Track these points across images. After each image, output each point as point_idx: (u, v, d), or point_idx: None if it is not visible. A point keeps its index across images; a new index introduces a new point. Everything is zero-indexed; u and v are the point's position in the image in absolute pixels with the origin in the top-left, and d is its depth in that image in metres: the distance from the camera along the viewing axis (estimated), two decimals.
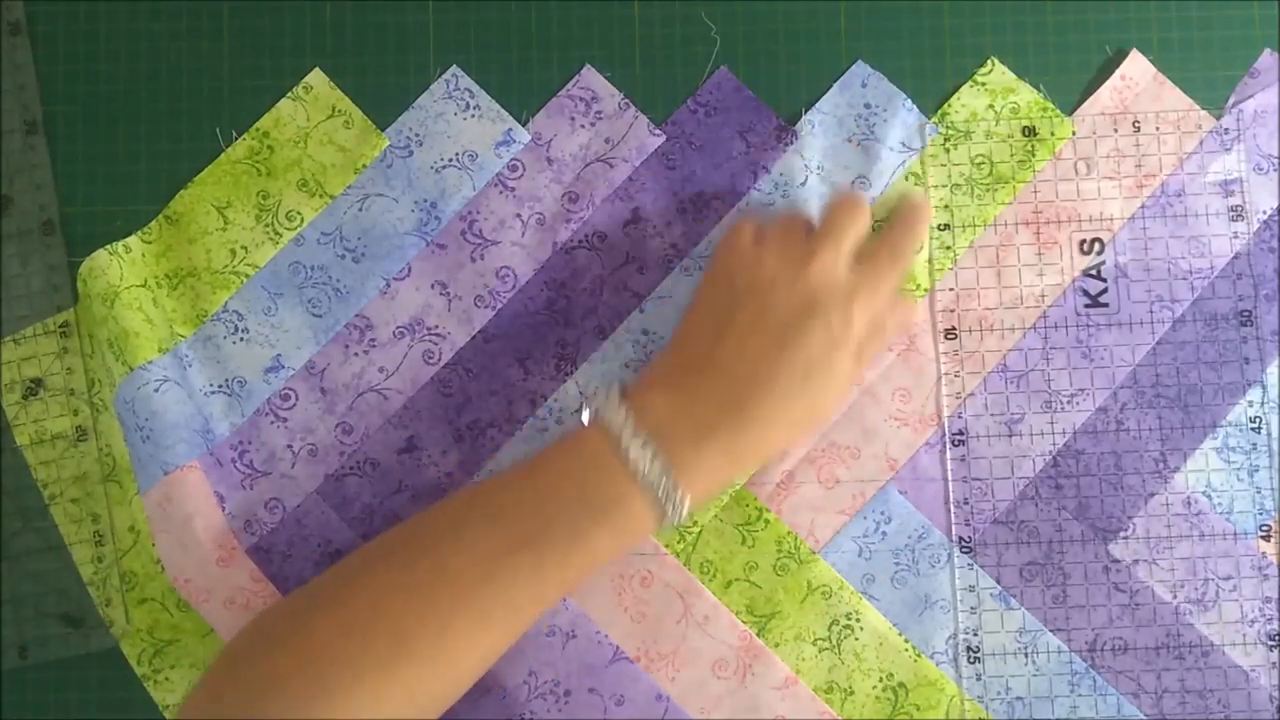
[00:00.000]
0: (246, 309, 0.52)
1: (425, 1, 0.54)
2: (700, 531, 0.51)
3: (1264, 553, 0.51)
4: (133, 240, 0.52)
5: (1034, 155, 0.53)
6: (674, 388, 0.46)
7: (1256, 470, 0.51)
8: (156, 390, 0.50)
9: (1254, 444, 0.51)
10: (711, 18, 0.54)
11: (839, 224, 0.48)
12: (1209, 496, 0.51)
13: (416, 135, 0.53)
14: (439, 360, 0.52)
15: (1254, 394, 0.52)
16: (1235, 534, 0.51)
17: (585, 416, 0.46)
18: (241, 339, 0.52)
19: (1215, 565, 0.51)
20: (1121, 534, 0.51)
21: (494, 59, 0.54)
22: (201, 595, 0.49)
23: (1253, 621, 0.50)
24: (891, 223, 0.50)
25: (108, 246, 0.52)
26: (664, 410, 0.45)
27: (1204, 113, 0.53)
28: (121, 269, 0.51)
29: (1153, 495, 0.51)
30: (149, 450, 0.49)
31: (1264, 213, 0.53)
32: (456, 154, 0.53)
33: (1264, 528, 0.51)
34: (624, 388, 0.47)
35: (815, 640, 0.51)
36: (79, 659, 0.52)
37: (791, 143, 0.53)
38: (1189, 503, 0.51)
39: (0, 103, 0.53)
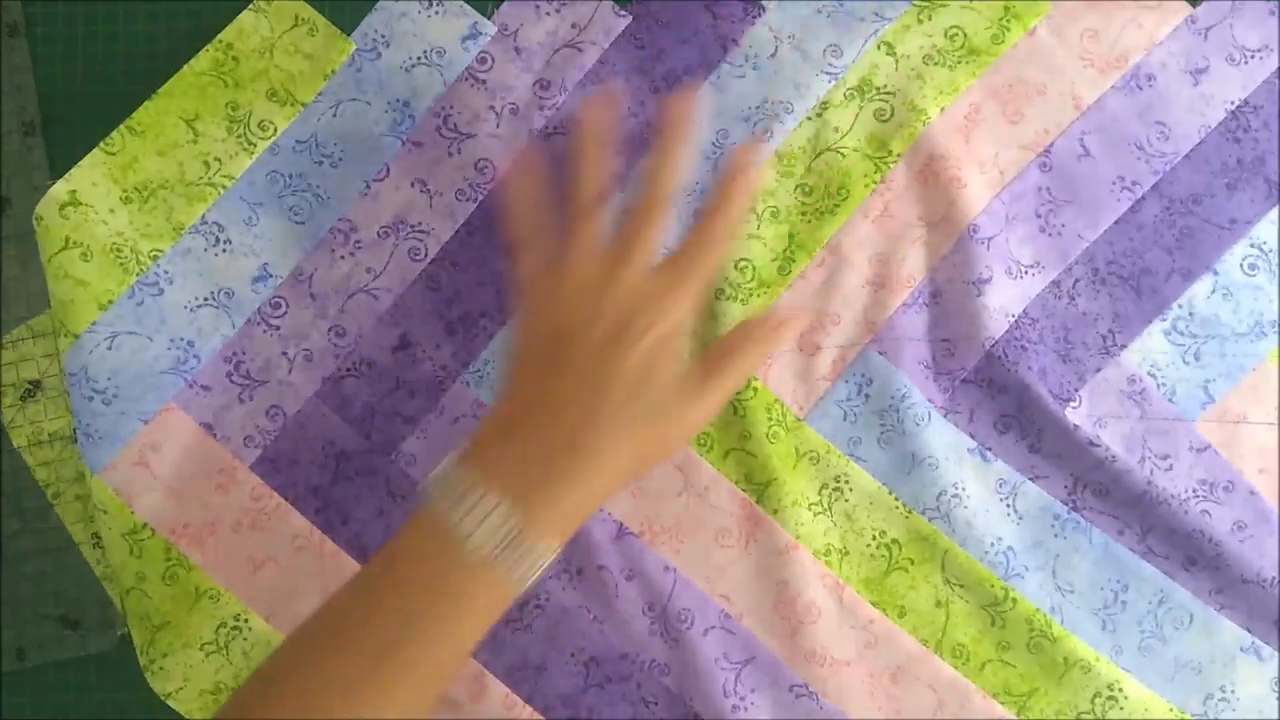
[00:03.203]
0: (226, 220, 0.52)
1: None
2: None
3: (1202, 435, 0.52)
4: (89, 160, 0.51)
5: (1008, 30, 0.53)
6: (510, 438, 0.43)
7: (1201, 355, 0.52)
8: (110, 347, 0.49)
9: (1202, 328, 0.52)
10: None
11: (636, 228, 0.46)
12: (1153, 376, 0.52)
13: (382, 36, 0.53)
14: (425, 256, 0.52)
15: (1206, 280, 0.53)
16: (1176, 416, 0.52)
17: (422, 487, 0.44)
18: (224, 250, 0.52)
19: (1154, 444, 0.52)
20: (1070, 404, 0.52)
21: None
22: (205, 533, 0.49)
23: (1196, 499, 0.52)
24: (709, 196, 0.47)
25: (51, 196, 0.50)
26: (507, 463, 0.42)
27: (1182, 0, 0.53)
28: (72, 215, 0.50)
29: (1098, 370, 0.52)
30: (116, 410, 0.49)
31: (1231, 103, 0.53)
32: (424, 52, 0.53)
33: (1205, 410, 0.52)
34: (456, 454, 0.44)
35: (810, 505, 0.52)
36: (78, 660, 0.52)
37: (759, 15, 0.53)
38: (1133, 380, 0.52)
39: None
